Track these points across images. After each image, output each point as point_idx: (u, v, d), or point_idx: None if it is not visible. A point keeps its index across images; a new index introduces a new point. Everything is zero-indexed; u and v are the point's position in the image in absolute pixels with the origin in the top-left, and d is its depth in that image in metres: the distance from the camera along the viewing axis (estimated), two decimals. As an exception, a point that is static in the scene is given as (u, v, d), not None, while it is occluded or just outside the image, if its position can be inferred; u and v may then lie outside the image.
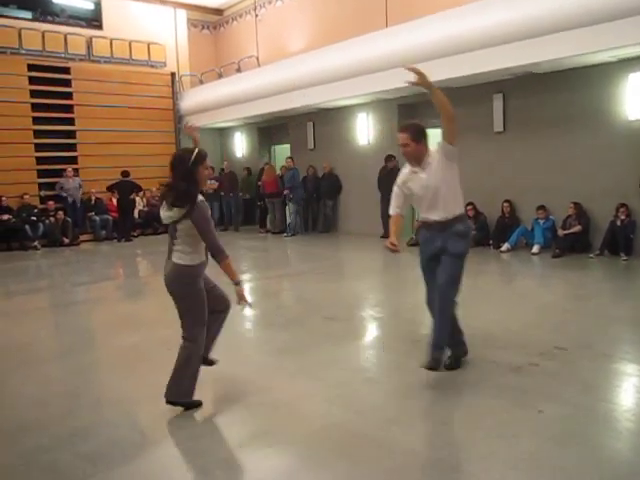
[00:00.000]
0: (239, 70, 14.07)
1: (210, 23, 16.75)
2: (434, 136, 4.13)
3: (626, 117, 7.90)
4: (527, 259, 8.33)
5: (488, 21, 7.91)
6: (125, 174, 12.65)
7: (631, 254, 7.72)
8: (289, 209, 12.55)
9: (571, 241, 8.20)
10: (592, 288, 6.64)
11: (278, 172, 12.95)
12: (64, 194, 12.61)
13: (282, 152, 14.44)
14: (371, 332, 5.22)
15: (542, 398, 3.37)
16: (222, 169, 14.07)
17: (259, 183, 13.02)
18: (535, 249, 8.50)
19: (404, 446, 2.95)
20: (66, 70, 13.16)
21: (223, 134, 15.95)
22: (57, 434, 3.20)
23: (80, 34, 13.55)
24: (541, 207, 8.67)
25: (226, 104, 13.31)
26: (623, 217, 7.77)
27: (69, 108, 13.18)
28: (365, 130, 11.53)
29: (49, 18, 13.26)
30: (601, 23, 6.79)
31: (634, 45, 6.89)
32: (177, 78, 15.00)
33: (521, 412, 3.22)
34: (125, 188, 12.66)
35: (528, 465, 2.67)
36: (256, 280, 8.06)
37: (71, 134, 13.20)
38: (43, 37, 12.95)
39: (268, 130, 14.57)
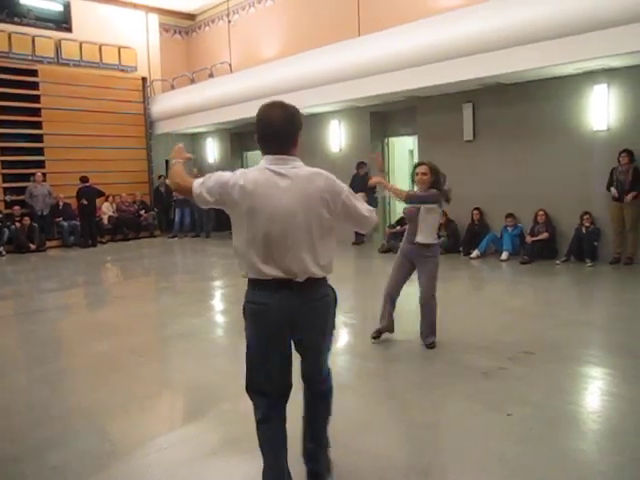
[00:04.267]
0: (211, 76, 14.01)
1: (182, 28, 16.65)
2: (404, 144, 4.20)
3: (591, 128, 8.14)
4: (496, 265, 8.49)
5: (458, 32, 8.06)
6: (85, 179, 12.41)
7: (596, 260, 7.94)
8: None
9: (538, 248, 8.39)
10: (559, 293, 6.80)
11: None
12: (31, 203, 12.28)
13: (254, 158, 14.41)
14: (343, 338, 5.24)
15: (511, 401, 3.44)
16: (196, 175, 13.94)
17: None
18: (504, 256, 8.66)
19: (376, 450, 2.97)
20: (33, 73, 12.91)
21: (195, 140, 15.85)
22: (24, 445, 3.13)
23: (48, 36, 13.31)
24: (510, 215, 8.86)
25: (198, 110, 13.24)
26: (588, 224, 7.99)
27: (36, 111, 12.91)
28: (337, 137, 11.59)
29: (16, 19, 12.99)
30: (567, 36, 7.00)
31: (598, 58, 7.12)
32: (148, 83, 14.86)
33: (491, 415, 3.28)
34: (91, 194, 12.43)
35: (497, 467, 2.72)
36: (229, 286, 8.02)
37: (38, 138, 12.93)
38: (9, 38, 12.67)
39: (241, 136, 14.53)
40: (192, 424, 3.40)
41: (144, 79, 14.79)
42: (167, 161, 2.71)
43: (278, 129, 2.23)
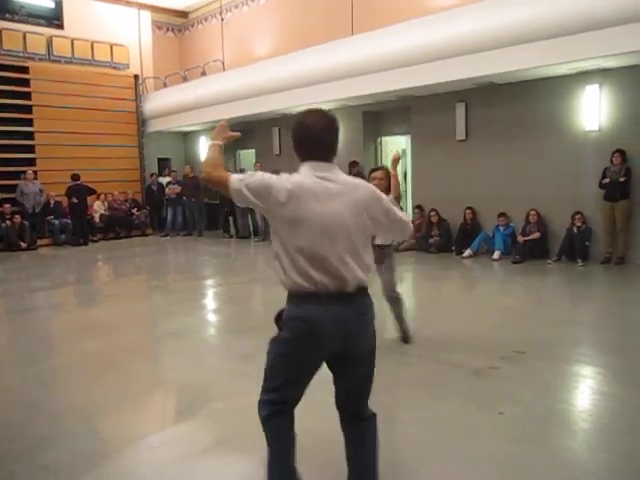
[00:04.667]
0: (204, 74, 13.97)
1: (175, 26, 16.60)
2: (397, 144, 4.22)
3: (583, 128, 8.18)
4: (488, 265, 8.52)
5: (451, 31, 8.08)
6: (76, 177, 12.31)
7: (587, 260, 7.98)
8: (256, 214, 12.47)
9: (530, 247, 8.43)
10: (550, 293, 6.84)
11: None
12: (22, 200, 12.19)
13: (247, 157, 14.40)
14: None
15: (502, 400, 3.45)
16: (185, 174, 13.91)
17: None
18: (496, 255, 8.69)
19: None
20: (25, 70, 12.82)
21: (187, 138, 15.81)
22: (16, 445, 3.11)
23: (40, 33, 13.23)
24: (502, 214, 8.89)
25: (190, 108, 13.20)
26: (579, 224, 8.04)
27: (28, 109, 12.82)
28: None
29: (7, 15, 12.88)
30: (560, 37, 7.03)
31: (592, 59, 7.17)
32: (140, 80, 14.79)
33: (482, 414, 3.29)
34: (82, 192, 12.35)
35: (489, 465, 2.73)
36: (221, 285, 8.01)
37: (29, 135, 12.85)
38: (0, 35, 12.60)
39: (233, 135, 14.47)
40: (184, 423, 3.39)
41: (136, 77, 14.72)
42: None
43: (324, 137, 2.15)
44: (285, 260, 2.10)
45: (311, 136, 2.16)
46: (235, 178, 2.13)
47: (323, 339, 2.07)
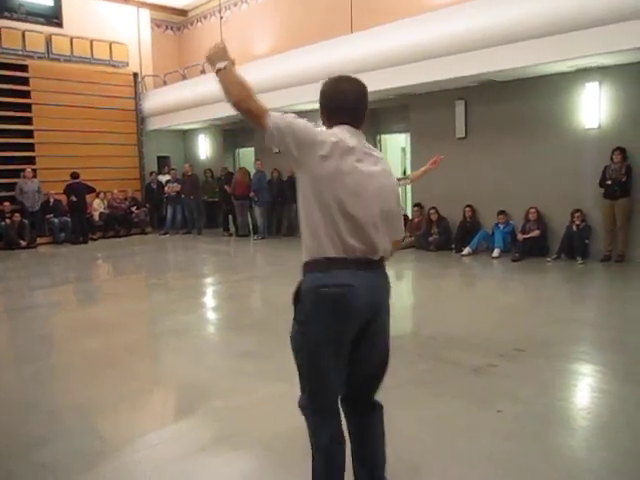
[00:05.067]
0: (203, 72, 13.93)
1: (174, 24, 16.57)
2: (397, 142, 4.21)
3: (583, 125, 8.17)
4: (488, 263, 8.51)
5: (450, 29, 8.07)
6: (75, 175, 12.29)
7: (587, 258, 7.98)
8: (255, 212, 12.46)
9: (530, 245, 8.42)
10: (550, 291, 6.83)
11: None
12: (21, 199, 12.18)
13: (247, 155, 14.38)
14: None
15: (501, 398, 3.45)
16: (184, 172, 13.90)
17: (226, 186, 12.87)
18: (495, 253, 8.69)
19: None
20: (24, 68, 12.80)
21: (186, 136, 15.79)
22: (14, 443, 3.11)
23: (39, 31, 13.19)
24: (501, 212, 8.88)
25: (190, 106, 13.18)
26: (578, 222, 8.03)
27: (27, 107, 12.80)
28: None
29: (6, 14, 12.85)
30: (560, 34, 7.01)
31: (591, 56, 7.15)
32: (140, 78, 14.77)
33: (481, 412, 3.29)
34: (81, 190, 12.35)
35: (487, 463, 2.73)
36: (221, 283, 8.00)
37: (28, 134, 12.83)
38: (-1, 33, 12.61)
39: (233, 133, 14.48)
40: (183, 421, 3.39)
41: (135, 75, 14.70)
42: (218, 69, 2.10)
43: (359, 104, 2.08)
44: (314, 222, 1.94)
45: (347, 101, 2.06)
46: (276, 113, 1.89)
47: (357, 305, 1.91)
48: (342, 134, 1.98)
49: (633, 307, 5.79)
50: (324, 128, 2.06)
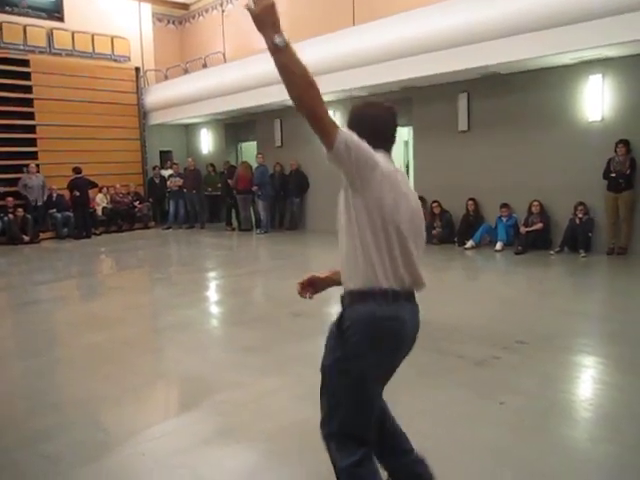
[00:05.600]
0: (205, 66, 13.93)
1: (175, 18, 16.54)
2: (399, 135, 4.21)
3: (586, 118, 8.13)
4: (490, 256, 8.50)
5: (453, 21, 8.03)
6: (78, 170, 12.30)
7: (590, 251, 7.96)
8: (258, 206, 12.46)
9: (533, 238, 8.40)
10: (553, 284, 6.82)
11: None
12: (26, 193, 12.20)
13: (249, 149, 14.37)
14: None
15: (504, 390, 3.45)
16: (186, 166, 13.90)
17: (229, 181, 12.87)
18: (498, 246, 8.67)
19: (370, 440, 2.98)
20: (25, 63, 12.79)
21: (189, 130, 15.78)
22: (18, 435, 3.13)
23: (40, 25, 13.19)
24: (504, 205, 8.86)
25: (192, 100, 13.17)
26: (581, 215, 8.01)
27: (29, 102, 12.80)
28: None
29: (7, 8, 12.84)
30: (563, 26, 6.98)
31: (594, 48, 7.11)
32: (141, 73, 14.75)
33: (483, 404, 3.29)
34: (84, 185, 12.36)
35: (489, 455, 2.73)
36: (223, 277, 8.02)
37: (31, 129, 12.83)
38: (1, 28, 12.57)
39: (235, 127, 14.46)
40: (186, 414, 3.40)
41: (137, 69, 14.67)
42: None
43: (394, 133, 2.03)
44: (367, 248, 1.82)
45: (388, 129, 2.00)
46: (343, 131, 1.75)
47: (405, 341, 1.91)
48: (382, 159, 1.88)
49: (635, 300, 5.78)
50: None
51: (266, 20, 1.72)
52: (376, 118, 1.98)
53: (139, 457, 2.87)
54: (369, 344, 1.84)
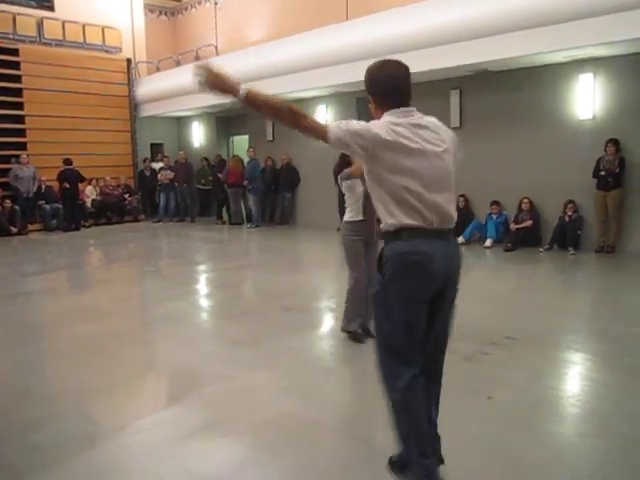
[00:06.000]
0: (197, 58, 13.83)
1: (168, 9, 16.41)
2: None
3: (577, 117, 8.18)
4: (480, 252, 8.54)
5: (446, 18, 8.03)
6: (68, 162, 12.18)
7: (579, 248, 8.02)
8: (249, 200, 12.42)
9: (522, 235, 8.45)
10: (542, 281, 6.87)
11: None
12: (16, 184, 12.05)
13: (241, 143, 14.32)
14: (327, 323, 5.25)
15: (492, 385, 3.48)
16: (177, 159, 13.83)
17: (219, 174, 12.83)
18: (488, 243, 8.72)
19: (358, 433, 3.00)
20: (15, 52, 12.63)
21: (180, 123, 15.69)
22: (6, 426, 3.11)
23: (30, 15, 13.02)
24: (495, 202, 8.90)
25: (183, 93, 13.03)
26: (571, 213, 8.06)
27: (18, 92, 12.65)
28: (323, 123, 11.51)
29: (-3, -3, 12.69)
30: (555, 24, 6.99)
31: (585, 47, 7.14)
32: (133, 64, 14.63)
33: (471, 398, 3.31)
34: (73, 177, 12.25)
35: (477, 448, 2.76)
36: (214, 271, 7.99)
37: (20, 119, 12.69)
38: (-10, 17, 12.43)
39: (227, 120, 14.40)
40: (175, 406, 3.39)
41: (129, 60, 14.55)
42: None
43: (407, 85, 2.23)
44: (391, 199, 2.11)
45: (398, 87, 2.21)
46: (334, 126, 2.08)
47: (431, 273, 2.11)
48: (394, 120, 2.14)
49: (623, 297, 5.84)
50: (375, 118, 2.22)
51: (220, 87, 2.09)
52: (385, 79, 2.22)
53: (127, 448, 2.86)
54: (399, 274, 2.11)
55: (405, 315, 2.12)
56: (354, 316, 4.35)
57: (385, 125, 2.10)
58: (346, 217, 4.34)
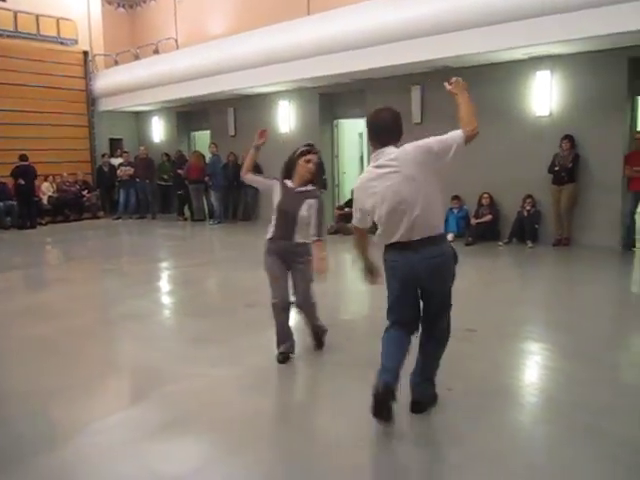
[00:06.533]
0: (157, 52, 13.58)
1: (126, 1, 16.01)
2: (354, 127, 4.19)
3: (534, 113, 8.36)
4: (442, 247, 8.64)
5: (407, 14, 8.08)
6: (24, 158, 11.76)
7: (537, 242, 8.22)
8: (210, 196, 12.27)
9: (482, 230, 8.61)
10: (501, 274, 7.02)
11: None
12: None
13: (202, 138, 14.13)
14: (291, 319, 5.23)
15: (452, 377, 3.52)
16: (138, 155, 13.56)
17: (179, 170, 12.64)
18: (449, 237, 8.81)
19: (321, 428, 3.01)
20: (-37, 43, 12.17)
21: (140, 118, 15.37)
22: (-45, 431, 3.00)
23: (-20, 5, 12.56)
24: (455, 197, 9.03)
25: (143, 87, 12.82)
26: (529, 208, 8.26)
27: (-32, 85, 12.20)
28: (287, 118, 11.49)
29: (-56, -15, 12.18)
30: (514, 21, 7.11)
31: (543, 44, 7.29)
32: (90, 57, 14.26)
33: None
34: (29, 173, 11.85)
35: (438, 439, 2.81)
36: (176, 268, 7.88)
37: (-31, 113, 12.23)
38: (-63, 6, 11.91)
39: (187, 115, 14.19)
40: (137, 405, 3.33)
41: (85, 53, 14.18)
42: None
43: (382, 129, 3.09)
44: (380, 229, 2.97)
45: (377, 130, 3.08)
46: (357, 224, 3.08)
47: (405, 274, 2.94)
48: (364, 174, 3.10)
49: (579, 288, 6.02)
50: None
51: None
52: (369, 126, 3.09)
53: (86, 451, 2.80)
54: (387, 273, 3.03)
55: (394, 296, 3.04)
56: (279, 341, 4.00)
57: (363, 186, 3.01)
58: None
